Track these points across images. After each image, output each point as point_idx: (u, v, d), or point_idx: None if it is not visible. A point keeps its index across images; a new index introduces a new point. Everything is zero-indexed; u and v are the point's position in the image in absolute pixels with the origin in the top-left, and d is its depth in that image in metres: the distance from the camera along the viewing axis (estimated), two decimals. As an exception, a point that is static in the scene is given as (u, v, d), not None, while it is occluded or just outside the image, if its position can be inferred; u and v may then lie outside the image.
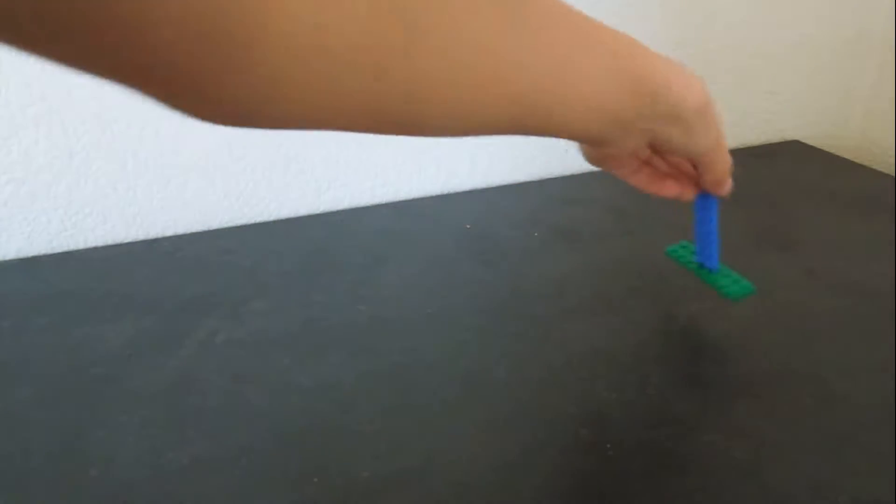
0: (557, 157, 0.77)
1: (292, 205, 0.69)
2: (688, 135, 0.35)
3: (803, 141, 0.90)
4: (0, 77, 0.55)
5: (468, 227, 0.65)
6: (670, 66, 0.33)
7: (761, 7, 0.81)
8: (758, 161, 0.81)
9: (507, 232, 0.64)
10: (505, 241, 0.62)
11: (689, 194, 0.44)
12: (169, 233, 0.65)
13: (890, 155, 0.87)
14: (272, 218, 0.68)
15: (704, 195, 0.44)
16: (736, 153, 0.38)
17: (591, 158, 0.40)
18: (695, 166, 0.41)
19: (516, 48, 0.26)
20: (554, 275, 0.56)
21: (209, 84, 0.20)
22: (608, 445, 0.38)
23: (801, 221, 0.66)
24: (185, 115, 0.21)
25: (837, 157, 0.83)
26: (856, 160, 0.83)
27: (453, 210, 0.68)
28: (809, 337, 0.48)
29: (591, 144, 0.38)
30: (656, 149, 0.38)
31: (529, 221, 0.66)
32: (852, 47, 0.88)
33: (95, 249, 0.61)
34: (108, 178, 0.61)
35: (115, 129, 0.60)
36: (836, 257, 0.59)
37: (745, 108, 0.87)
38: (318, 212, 0.69)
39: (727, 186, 0.42)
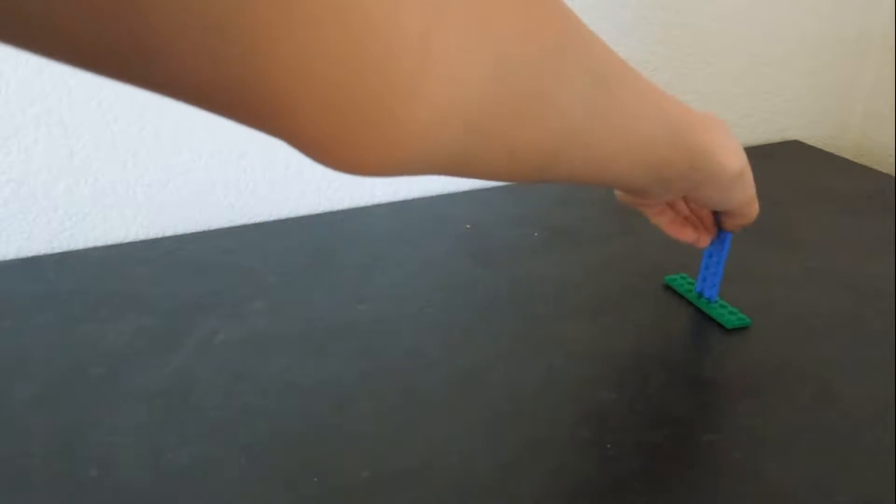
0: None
1: (292, 205, 0.69)
2: (722, 194, 0.38)
3: (803, 141, 0.90)
4: (0, 77, 0.55)
5: (468, 227, 0.64)
6: (716, 134, 0.35)
7: (761, 7, 0.81)
8: (758, 161, 0.80)
9: (506, 232, 0.64)
10: (505, 241, 0.62)
11: (704, 241, 0.47)
12: (169, 233, 0.65)
13: (890, 155, 0.87)
14: (272, 218, 0.68)
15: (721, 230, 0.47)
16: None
17: (624, 200, 0.43)
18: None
19: (599, 108, 0.27)
20: (554, 275, 0.56)
21: (354, 151, 0.19)
22: (608, 445, 0.38)
23: (801, 221, 0.66)
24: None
25: (837, 157, 0.83)
26: (856, 160, 0.83)
27: (453, 210, 0.68)
28: (809, 336, 0.48)
29: (631, 194, 0.40)
30: (686, 199, 0.39)
31: (529, 221, 0.66)
32: (852, 47, 0.88)
33: (95, 249, 0.61)
34: (108, 178, 0.61)
35: (115, 129, 0.60)
36: (836, 257, 0.59)
37: (746, 108, 0.87)
38: (318, 212, 0.69)
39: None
